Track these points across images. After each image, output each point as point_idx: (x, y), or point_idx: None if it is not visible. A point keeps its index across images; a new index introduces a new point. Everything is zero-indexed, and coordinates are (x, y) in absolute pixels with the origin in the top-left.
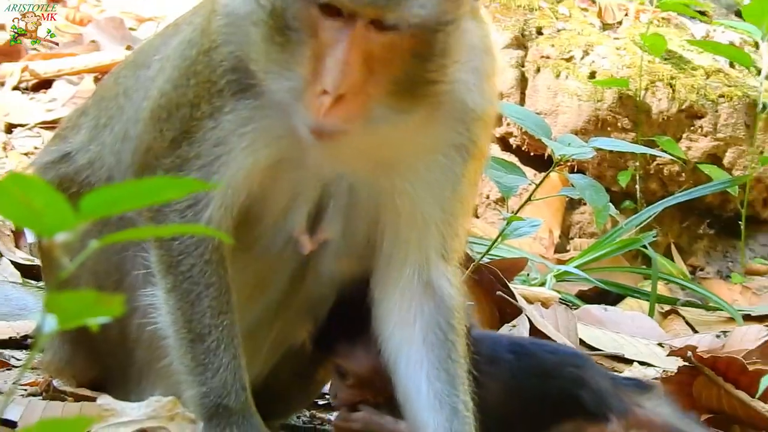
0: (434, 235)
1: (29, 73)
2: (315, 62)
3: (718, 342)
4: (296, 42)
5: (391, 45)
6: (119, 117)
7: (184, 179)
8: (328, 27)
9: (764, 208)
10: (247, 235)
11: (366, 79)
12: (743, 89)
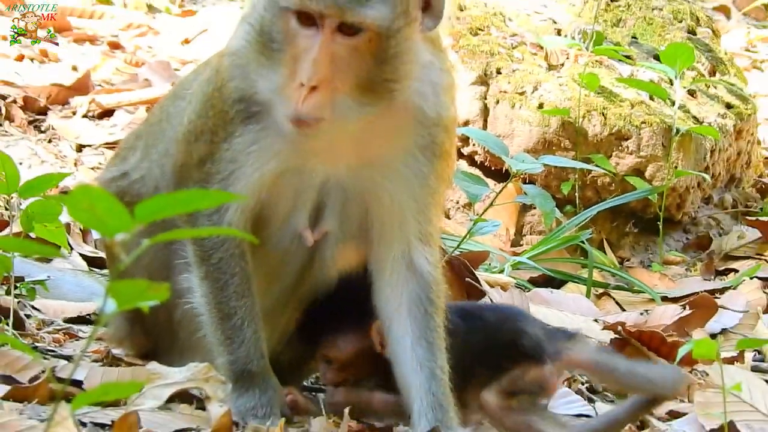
0: (411, 222)
1: (95, 104)
2: (293, 64)
3: (641, 319)
4: (279, 51)
5: (354, 47)
6: (162, 137)
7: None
8: (304, 35)
9: (677, 212)
10: (260, 234)
11: (334, 74)
12: (661, 117)
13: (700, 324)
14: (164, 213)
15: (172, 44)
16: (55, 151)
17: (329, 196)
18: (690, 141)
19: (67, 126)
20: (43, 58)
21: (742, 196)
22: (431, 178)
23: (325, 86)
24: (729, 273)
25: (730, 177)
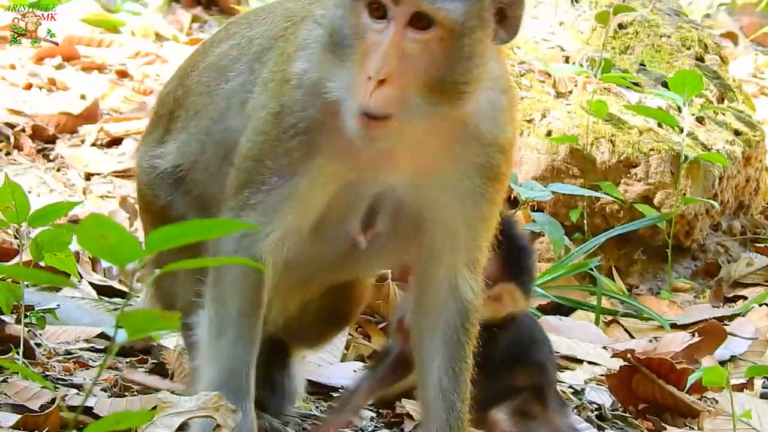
0: (461, 247)
1: (104, 133)
2: (363, 59)
3: (650, 346)
4: (350, 47)
5: (425, 43)
6: (204, 113)
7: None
8: (374, 29)
9: (686, 239)
10: (313, 238)
11: (403, 69)
12: (669, 144)
13: (709, 351)
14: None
15: None
16: (64, 179)
17: (384, 203)
18: (698, 168)
19: (76, 154)
20: (51, 86)
21: (751, 223)
22: (484, 203)
23: (394, 81)
24: (738, 300)
25: (738, 204)
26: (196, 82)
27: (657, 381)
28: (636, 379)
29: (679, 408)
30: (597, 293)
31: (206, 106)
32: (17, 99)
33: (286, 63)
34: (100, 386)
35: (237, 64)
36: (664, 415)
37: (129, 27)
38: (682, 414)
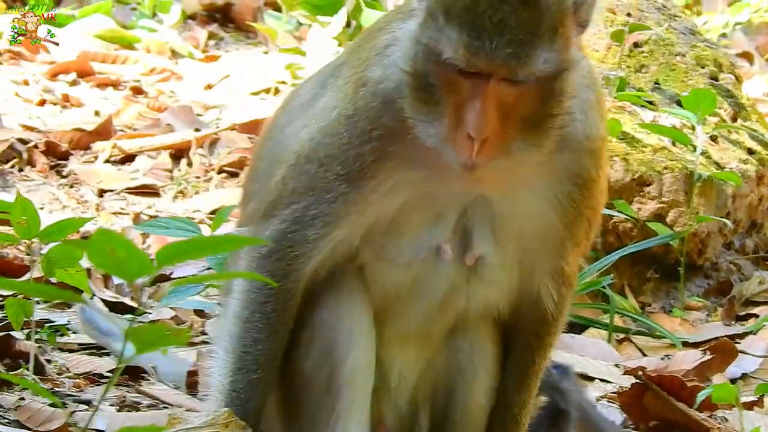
0: (543, 256)
1: (117, 149)
2: (457, 112)
3: (662, 364)
4: (439, 97)
5: (520, 94)
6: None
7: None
8: (467, 85)
9: (699, 257)
10: (388, 247)
11: (501, 123)
12: (683, 162)
13: (721, 369)
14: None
15: (195, 89)
16: (77, 196)
17: (475, 217)
18: (712, 187)
19: (89, 171)
20: (65, 102)
21: (764, 241)
22: (570, 209)
23: (495, 136)
24: (749, 318)
25: (751, 222)
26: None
27: (668, 398)
28: (647, 397)
29: (690, 425)
30: (610, 311)
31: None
32: (31, 115)
33: (362, 68)
34: (109, 402)
35: (310, 84)
36: None
37: (144, 43)
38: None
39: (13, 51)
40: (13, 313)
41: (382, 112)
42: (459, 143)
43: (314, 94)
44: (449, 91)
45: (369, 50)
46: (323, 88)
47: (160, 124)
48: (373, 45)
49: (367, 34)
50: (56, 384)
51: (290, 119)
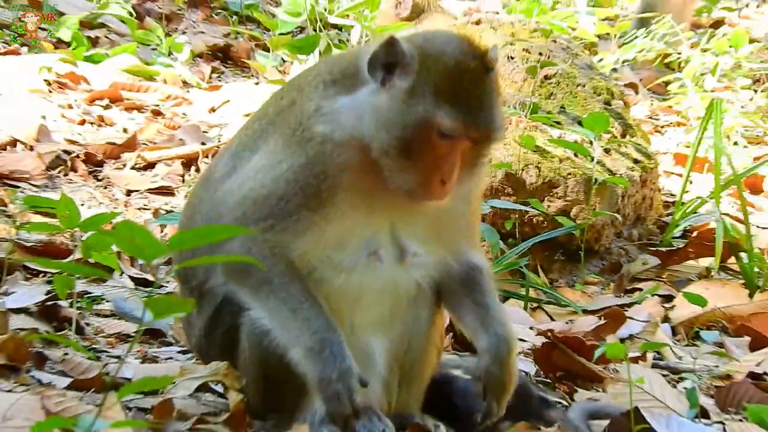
0: (462, 231)
1: (141, 158)
2: (433, 164)
3: (567, 327)
4: (416, 153)
5: (477, 149)
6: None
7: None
8: (443, 144)
9: (596, 244)
10: (334, 257)
11: (462, 169)
12: (583, 170)
13: (613, 331)
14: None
15: (202, 112)
16: (109, 195)
17: (402, 226)
18: (606, 188)
19: (119, 175)
20: (100, 122)
21: (646, 231)
22: (473, 198)
23: (456, 178)
24: (635, 291)
25: (636, 216)
26: (242, 138)
27: (571, 354)
28: (555, 353)
29: (588, 375)
30: (525, 286)
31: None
32: (73, 132)
33: (300, 129)
34: (134, 356)
35: (222, 160)
36: (576, 381)
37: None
38: (590, 380)
39: (60, 82)
40: (60, 287)
41: (333, 156)
42: (433, 187)
43: (233, 165)
44: (429, 149)
45: (298, 116)
46: (252, 152)
47: (174, 139)
48: (300, 111)
49: (275, 107)
50: (93, 342)
51: (216, 186)
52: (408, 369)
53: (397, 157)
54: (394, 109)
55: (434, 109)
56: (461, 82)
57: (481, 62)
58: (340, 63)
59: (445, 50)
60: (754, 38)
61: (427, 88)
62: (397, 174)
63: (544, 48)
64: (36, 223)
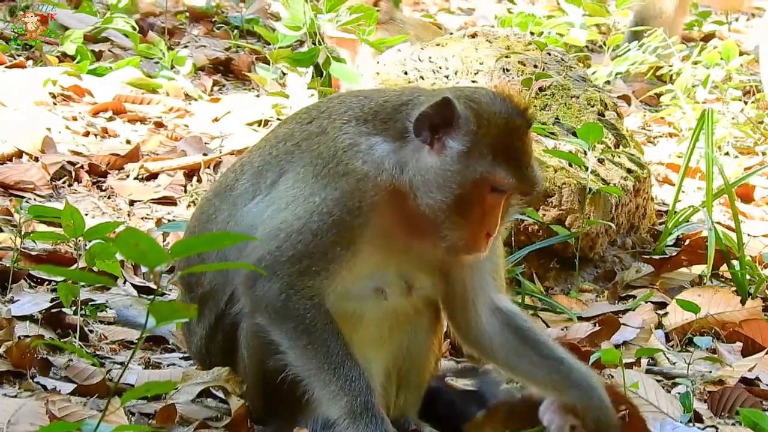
0: (488, 278)
1: (144, 169)
2: (481, 219)
3: (562, 333)
4: (469, 209)
5: (515, 201)
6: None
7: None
8: (492, 198)
9: (590, 252)
10: (346, 288)
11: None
12: (577, 179)
13: (607, 337)
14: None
15: (203, 123)
16: (113, 205)
17: (411, 265)
18: (600, 198)
19: (123, 186)
20: (104, 133)
21: (639, 239)
22: (497, 243)
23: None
24: (629, 298)
25: (630, 225)
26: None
27: None
28: None
29: None
30: (521, 293)
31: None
32: (78, 143)
33: (335, 163)
34: (137, 362)
35: (245, 177)
36: None
37: (164, 88)
38: None
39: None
40: (64, 294)
41: (370, 195)
42: (479, 241)
43: (256, 183)
44: (479, 204)
45: (331, 147)
46: (276, 174)
47: (176, 150)
48: (333, 143)
49: (303, 132)
50: (97, 348)
51: (237, 202)
52: (405, 375)
53: (449, 214)
54: (450, 169)
55: (493, 169)
56: (513, 140)
57: (524, 119)
58: (372, 102)
59: (495, 110)
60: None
61: (484, 149)
62: (447, 231)
63: (539, 60)
64: (41, 233)
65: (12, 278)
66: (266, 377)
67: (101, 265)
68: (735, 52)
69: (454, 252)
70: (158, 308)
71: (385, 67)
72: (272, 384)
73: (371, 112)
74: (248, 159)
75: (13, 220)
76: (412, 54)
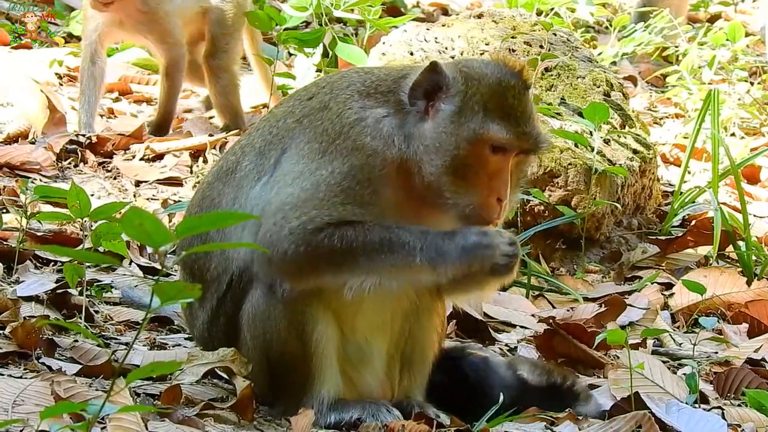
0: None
1: (149, 150)
2: (488, 183)
3: (568, 314)
4: (470, 173)
5: (521, 165)
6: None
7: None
8: (496, 161)
9: (596, 233)
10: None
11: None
12: (583, 160)
13: (613, 318)
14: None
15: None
16: (119, 185)
17: None
18: (605, 178)
19: (129, 166)
20: (110, 114)
21: (645, 220)
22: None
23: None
24: (635, 279)
25: (636, 206)
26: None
27: (572, 341)
28: (556, 339)
29: (589, 361)
30: (527, 274)
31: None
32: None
33: (342, 139)
34: (142, 343)
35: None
36: (577, 367)
37: None
38: (591, 366)
39: (71, 75)
40: (70, 275)
41: (379, 169)
42: (490, 207)
43: (260, 164)
44: (481, 166)
45: (336, 123)
46: (279, 152)
47: (182, 131)
48: (338, 118)
49: (304, 107)
50: (102, 329)
51: (242, 184)
52: (409, 356)
53: (452, 179)
54: (445, 131)
55: (486, 125)
56: (506, 97)
57: (520, 79)
58: (374, 76)
59: (486, 71)
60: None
61: (475, 107)
62: (453, 197)
63: (544, 41)
64: (47, 213)
65: (18, 259)
66: (270, 359)
67: (107, 246)
68: (741, 32)
69: (466, 221)
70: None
71: (391, 47)
72: (276, 366)
73: (373, 85)
74: (248, 141)
75: (19, 200)
76: (418, 34)
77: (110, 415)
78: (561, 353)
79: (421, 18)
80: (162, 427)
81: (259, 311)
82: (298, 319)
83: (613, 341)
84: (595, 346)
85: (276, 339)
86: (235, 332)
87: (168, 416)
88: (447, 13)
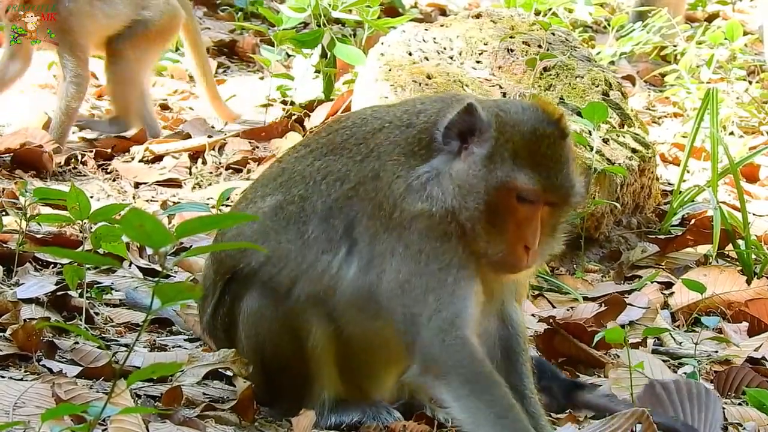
0: (513, 286)
1: (149, 151)
2: (516, 231)
3: (568, 314)
4: (501, 219)
5: (555, 216)
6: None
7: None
8: (524, 210)
9: (595, 232)
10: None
11: (543, 234)
12: (582, 159)
13: (613, 317)
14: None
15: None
16: (118, 187)
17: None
18: (605, 177)
19: (128, 168)
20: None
21: (645, 219)
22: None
23: (538, 245)
24: (634, 279)
25: (635, 205)
26: (303, 169)
27: (572, 340)
28: (557, 339)
29: (590, 361)
30: None
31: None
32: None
33: (400, 208)
34: (143, 345)
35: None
36: (578, 366)
37: (169, 71)
38: (591, 365)
39: None
40: (70, 277)
41: (439, 225)
42: (518, 255)
43: (329, 234)
44: (509, 214)
45: (389, 197)
46: (347, 225)
47: (181, 132)
48: (390, 190)
49: (358, 173)
50: (102, 331)
51: (314, 248)
52: None
53: (482, 224)
54: (475, 175)
55: (513, 173)
56: (539, 146)
57: (556, 128)
58: (414, 128)
59: (522, 117)
60: (749, 31)
61: (505, 153)
62: (484, 243)
63: (543, 41)
64: (46, 215)
65: (18, 261)
66: (264, 360)
67: (107, 247)
68: (739, 31)
69: (496, 269)
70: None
71: (390, 48)
72: (269, 366)
73: (416, 140)
74: (305, 190)
75: (19, 202)
76: (417, 35)
77: (111, 417)
78: (562, 352)
79: (420, 18)
80: (163, 429)
81: (252, 311)
82: (292, 324)
83: (612, 340)
84: (596, 346)
85: (269, 340)
86: (233, 328)
87: (169, 417)
88: (445, 13)
